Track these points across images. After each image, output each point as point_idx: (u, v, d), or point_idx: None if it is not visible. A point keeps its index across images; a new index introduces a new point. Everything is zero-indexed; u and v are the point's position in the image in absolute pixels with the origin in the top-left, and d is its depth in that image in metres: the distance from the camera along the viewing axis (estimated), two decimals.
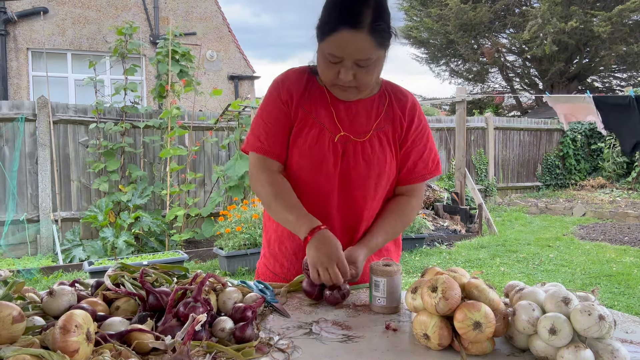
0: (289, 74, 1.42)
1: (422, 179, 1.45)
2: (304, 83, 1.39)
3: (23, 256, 5.90)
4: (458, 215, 7.68)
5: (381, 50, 1.24)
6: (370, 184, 1.38)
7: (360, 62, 1.22)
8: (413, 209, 1.46)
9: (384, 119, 1.40)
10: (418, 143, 1.43)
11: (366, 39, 1.19)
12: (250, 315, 1.03)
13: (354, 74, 1.24)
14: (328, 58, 1.24)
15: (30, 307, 1.04)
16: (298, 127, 1.38)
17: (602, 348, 0.86)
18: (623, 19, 13.14)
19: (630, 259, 5.58)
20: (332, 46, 1.21)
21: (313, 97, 1.38)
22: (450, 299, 0.94)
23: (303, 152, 1.36)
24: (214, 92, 6.32)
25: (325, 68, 1.27)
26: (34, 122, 6.08)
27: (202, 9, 10.97)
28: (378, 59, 1.25)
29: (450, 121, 9.82)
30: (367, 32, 1.18)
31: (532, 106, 17.55)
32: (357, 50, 1.20)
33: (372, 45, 1.20)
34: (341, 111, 1.38)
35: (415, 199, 1.46)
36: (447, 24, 15.04)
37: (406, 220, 1.45)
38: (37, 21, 9.53)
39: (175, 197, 6.58)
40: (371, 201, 1.40)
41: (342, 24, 1.18)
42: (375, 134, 1.38)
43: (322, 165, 1.36)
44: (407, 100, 1.44)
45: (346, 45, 1.20)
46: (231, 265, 5.09)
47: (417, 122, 1.43)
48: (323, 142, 1.35)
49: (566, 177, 11.45)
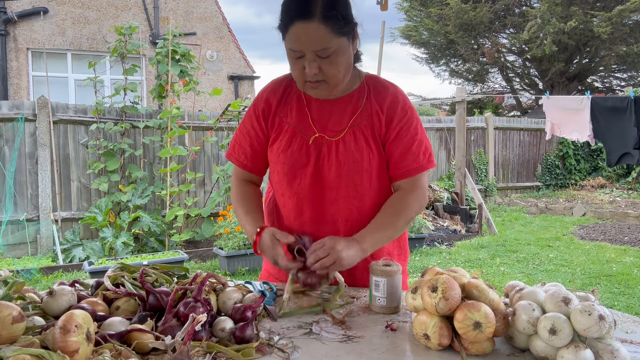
0: (269, 85, 1.46)
1: (414, 173, 1.37)
2: (282, 91, 1.42)
3: (23, 256, 5.90)
4: (458, 215, 7.69)
5: (340, 38, 1.22)
6: (348, 183, 1.35)
7: (320, 53, 1.22)
8: (411, 201, 1.36)
9: (361, 115, 1.36)
10: (404, 136, 1.36)
11: (319, 27, 1.19)
12: (250, 316, 1.03)
13: (318, 66, 1.23)
14: (291, 54, 1.26)
15: (30, 307, 1.04)
16: (274, 135, 1.40)
17: (602, 348, 0.86)
18: (623, 19, 13.13)
19: (630, 259, 5.58)
20: (291, 40, 1.23)
21: (290, 103, 1.40)
22: (450, 299, 0.94)
23: (278, 158, 1.38)
24: (214, 92, 6.32)
25: (292, 65, 1.28)
26: (34, 122, 6.08)
27: (202, 9, 10.97)
28: (340, 49, 1.24)
29: (450, 121, 9.82)
30: (319, 20, 1.19)
31: (532, 106, 17.55)
32: (311, 40, 1.20)
33: (326, 33, 1.20)
34: (315, 113, 1.38)
35: (413, 193, 1.37)
36: (447, 24, 15.04)
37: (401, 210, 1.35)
38: (37, 21, 9.53)
39: (175, 197, 6.58)
40: (353, 200, 1.36)
41: (295, 17, 1.20)
42: (351, 131, 1.35)
43: (297, 168, 1.36)
44: (387, 94, 1.38)
45: (301, 36, 1.21)
46: (231, 265, 5.09)
47: (401, 115, 1.36)
48: (296, 146, 1.36)
49: (566, 177, 11.45)
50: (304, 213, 1.38)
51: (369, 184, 1.38)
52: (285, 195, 1.41)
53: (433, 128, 9.67)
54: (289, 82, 1.43)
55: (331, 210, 1.37)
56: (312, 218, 1.38)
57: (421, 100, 15.59)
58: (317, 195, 1.37)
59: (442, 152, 9.81)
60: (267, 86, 1.46)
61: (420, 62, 18.30)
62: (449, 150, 9.84)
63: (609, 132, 6.91)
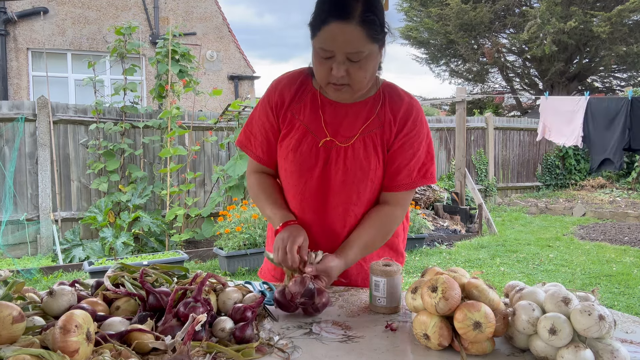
0: (283, 77, 1.43)
1: (403, 188, 1.36)
2: (297, 86, 1.40)
3: (23, 256, 5.90)
4: (458, 215, 7.69)
5: (373, 44, 1.21)
6: (352, 190, 1.35)
7: (352, 56, 1.20)
8: (395, 221, 1.39)
9: (373, 122, 1.35)
10: (406, 149, 1.35)
11: (356, 30, 1.17)
12: (250, 316, 1.03)
13: (346, 69, 1.22)
14: (320, 54, 1.23)
15: (30, 307, 1.04)
16: (285, 130, 1.39)
17: (602, 348, 0.86)
18: (623, 19, 13.13)
19: (630, 259, 5.58)
20: (323, 39, 1.20)
21: (304, 100, 1.38)
22: (450, 299, 0.94)
23: (287, 155, 1.37)
24: (214, 92, 6.32)
25: (319, 65, 1.25)
26: (34, 122, 6.08)
27: (202, 9, 10.97)
28: (371, 55, 1.23)
29: (450, 121, 9.82)
30: (357, 23, 1.17)
31: (532, 106, 17.55)
32: (347, 42, 1.18)
33: (362, 37, 1.18)
34: (329, 115, 1.36)
35: (400, 208, 1.39)
36: (447, 24, 15.04)
37: (385, 234, 1.39)
38: (37, 21, 9.53)
39: (175, 197, 6.58)
40: (354, 207, 1.37)
41: (331, 16, 1.18)
42: (361, 138, 1.34)
43: (304, 169, 1.36)
44: (402, 104, 1.37)
45: (336, 37, 1.18)
46: (231, 265, 5.09)
47: (410, 127, 1.35)
48: (306, 146, 1.35)
49: (566, 177, 11.45)
50: (305, 214, 1.38)
51: (371, 193, 1.38)
52: (290, 193, 1.41)
53: (433, 128, 9.66)
54: (305, 79, 1.41)
55: (332, 215, 1.37)
56: (313, 220, 1.38)
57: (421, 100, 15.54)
58: (320, 198, 1.36)
59: (442, 152, 9.82)
60: (282, 78, 1.43)
61: (420, 62, 18.31)
62: (449, 150, 9.84)
63: (597, 136, 7.00)
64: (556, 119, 7.36)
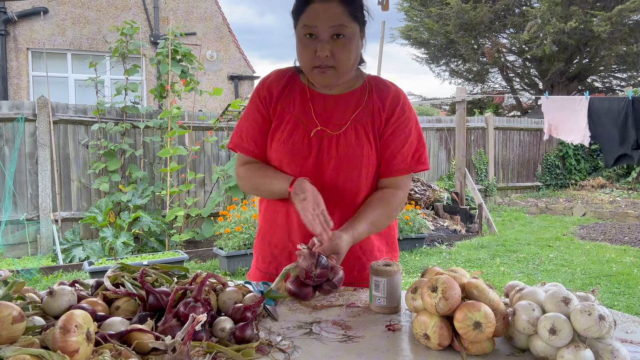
0: (271, 74, 1.47)
1: (401, 173, 1.40)
2: (285, 81, 1.43)
3: (23, 256, 5.90)
4: (458, 215, 7.68)
5: (354, 23, 1.28)
6: (345, 178, 1.37)
7: (336, 30, 1.26)
8: (400, 202, 1.42)
9: (363, 111, 1.39)
10: (398, 135, 1.39)
11: (338, 7, 1.25)
12: (250, 316, 1.03)
13: (330, 50, 1.26)
14: (304, 34, 1.28)
15: (30, 307, 1.04)
16: (276, 122, 1.41)
17: (602, 348, 0.86)
18: (623, 19, 13.13)
19: (630, 259, 5.58)
20: (307, 17, 1.26)
21: (293, 94, 1.42)
22: (450, 299, 0.94)
23: (279, 146, 1.39)
24: (214, 92, 6.32)
25: (303, 50, 1.30)
26: (34, 122, 6.08)
27: (202, 9, 10.97)
28: (353, 35, 1.29)
29: (450, 121, 9.82)
30: (338, 2, 1.25)
31: (532, 106, 17.55)
32: (329, 17, 1.25)
33: (344, 12, 1.25)
34: (319, 107, 1.39)
35: (401, 191, 1.42)
36: (447, 24, 15.04)
37: (391, 213, 1.40)
38: (37, 21, 9.53)
39: (175, 197, 6.58)
40: (349, 194, 1.39)
41: None
42: (352, 126, 1.37)
43: (297, 159, 1.37)
44: (388, 91, 1.41)
45: (318, 14, 1.25)
46: (231, 265, 5.09)
47: (399, 113, 1.39)
48: (297, 136, 1.37)
49: (566, 177, 11.45)
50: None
51: (366, 180, 1.39)
52: None
53: (433, 128, 9.66)
54: (293, 75, 1.44)
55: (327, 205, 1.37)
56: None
57: (421, 100, 15.60)
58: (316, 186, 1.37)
59: (442, 152, 9.81)
60: (270, 75, 1.47)
61: (420, 62, 18.31)
62: (449, 150, 9.84)
63: (606, 133, 6.96)
64: (561, 116, 7.37)
